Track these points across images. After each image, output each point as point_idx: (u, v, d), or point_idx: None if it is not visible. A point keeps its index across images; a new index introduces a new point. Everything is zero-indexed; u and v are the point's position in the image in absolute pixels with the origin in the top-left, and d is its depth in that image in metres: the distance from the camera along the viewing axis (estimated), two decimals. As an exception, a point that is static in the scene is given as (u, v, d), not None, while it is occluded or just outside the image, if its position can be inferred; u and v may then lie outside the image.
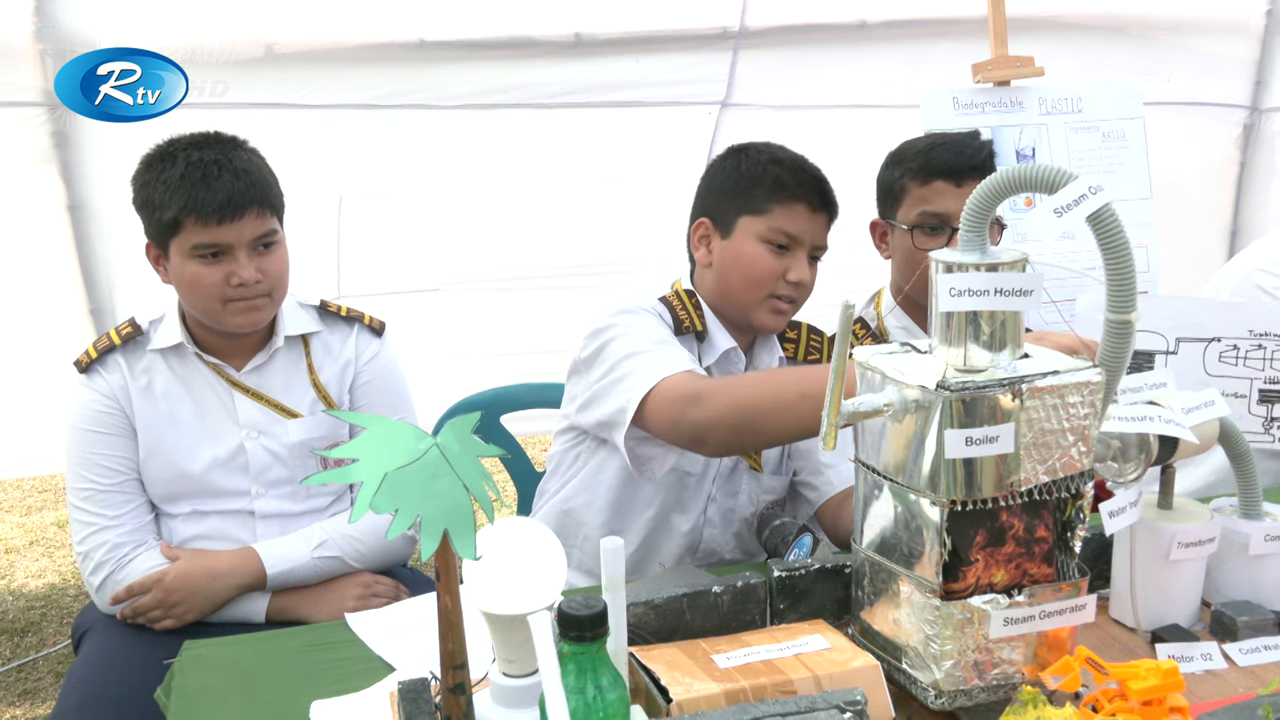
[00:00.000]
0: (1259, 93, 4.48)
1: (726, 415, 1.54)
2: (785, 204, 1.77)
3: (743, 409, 1.53)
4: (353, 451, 0.92)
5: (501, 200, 3.76)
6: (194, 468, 1.86)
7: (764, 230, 1.78)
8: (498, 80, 3.61)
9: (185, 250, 1.75)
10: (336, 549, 1.86)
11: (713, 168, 1.88)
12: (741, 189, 1.80)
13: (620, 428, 1.64)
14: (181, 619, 1.80)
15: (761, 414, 1.53)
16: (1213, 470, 2.06)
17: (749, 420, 1.54)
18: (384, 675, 1.37)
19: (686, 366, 1.64)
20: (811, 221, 1.79)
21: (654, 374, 1.61)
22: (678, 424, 1.58)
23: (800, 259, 1.79)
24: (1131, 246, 1.17)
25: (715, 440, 1.59)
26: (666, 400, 1.59)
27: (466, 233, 3.77)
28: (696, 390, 1.57)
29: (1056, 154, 3.02)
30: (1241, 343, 1.74)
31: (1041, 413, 1.17)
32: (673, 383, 1.60)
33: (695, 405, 1.56)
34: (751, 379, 1.65)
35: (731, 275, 1.80)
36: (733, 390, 1.57)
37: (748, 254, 1.78)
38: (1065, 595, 1.22)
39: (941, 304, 1.19)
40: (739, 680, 1.16)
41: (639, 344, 1.69)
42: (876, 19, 3.97)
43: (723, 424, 1.54)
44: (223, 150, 1.78)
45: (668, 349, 1.69)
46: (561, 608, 0.98)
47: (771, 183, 1.78)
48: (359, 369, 1.96)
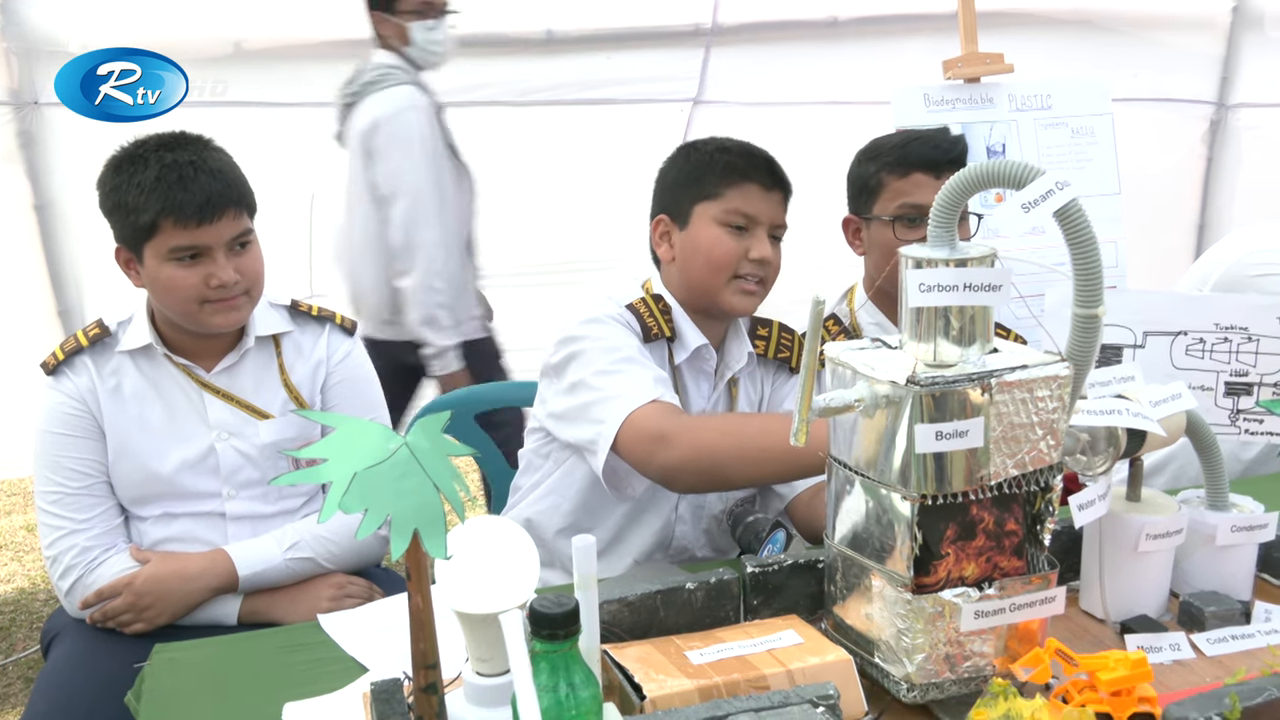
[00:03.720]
0: (1225, 88, 4.53)
1: (693, 462, 1.61)
2: (737, 185, 1.79)
3: (709, 458, 1.61)
4: (322, 451, 0.92)
5: (474, 198, 3.74)
6: (164, 470, 1.84)
7: (720, 213, 1.79)
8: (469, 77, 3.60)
9: (162, 253, 1.73)
10: (309, 550, 1.85)
11: (664, 167, 1.90)
12: (694, 179, 1.82)
13: (595, 457, 1.69)
14: (152, 622, 1.78)
15: (726, 464, 1.61)
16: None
17: (714, 468, 1.62)
18: (357, 676, 1.36)
19: (653, 392, 1.67)
20: (766, 200, 1.80)
21: (622, 408, 1.66)
22: (646, 463, 1.65)
23: (760, 237, 1.79)
24: (1099, 241, 1.18)
25: (683, 484, 1.69)
26: (635, 438, 1.64)
27: (439, 231, 3.75)
28: (664, 431, 1.62)
29: (1026, 150, 3.05)
30: (1208, 336, 1.76)
31: (1010, 407, 1.18)
32: (643, 418, 1.64)
33: (663, 448, 1.62)
34: (719, 425, 1.69)
35: (694, 263, 1.81)
36: (699, 438, 1.62)
37: (707, 238, 1.79)
38: (1035, 588, 1.23)
39: (911, 299, 1.20)
40: (712, 676, 1.17)
41: (605, 361, 1.72)
42: (848, 16, 3.99)
43: (689, 470, 1.63)
44: (195, 151, 1.76)
45: (634, 370, 1.71)
46: (533, 606, 0.98)
47: (722, 168, 1.80)
48: (331, 369, 1.95)
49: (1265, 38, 4.54)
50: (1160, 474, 2.17)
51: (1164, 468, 2.19)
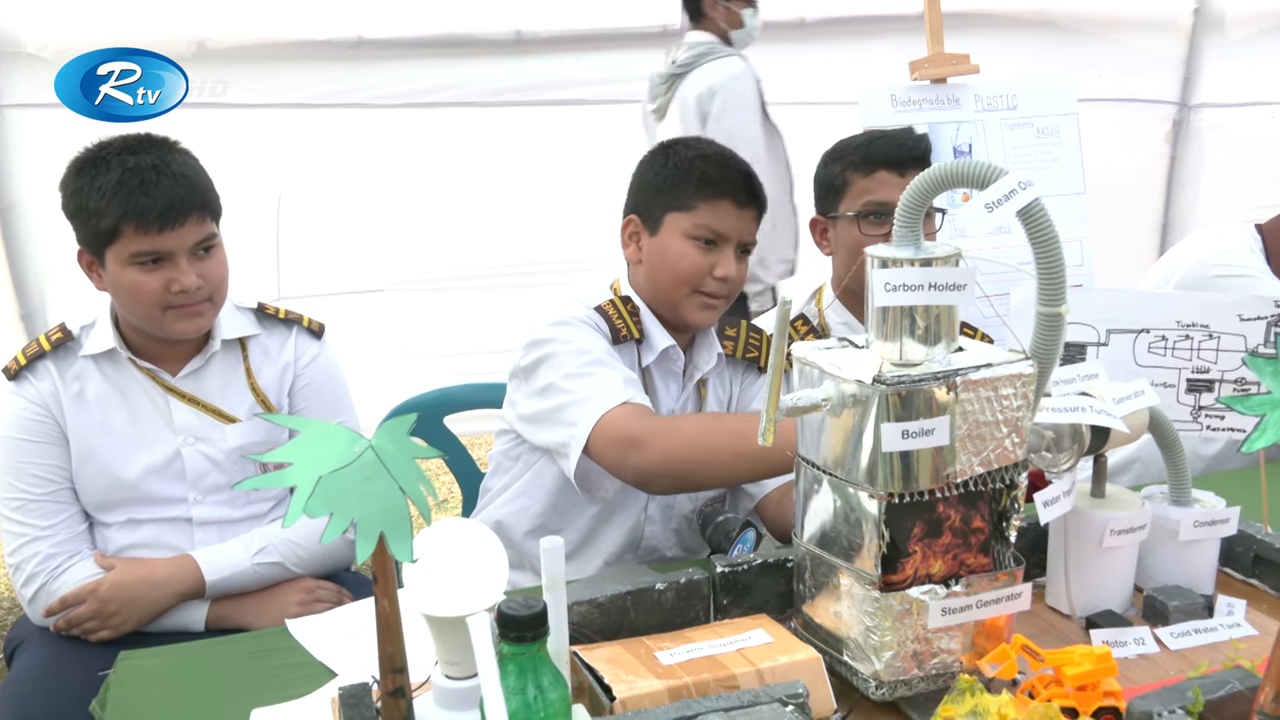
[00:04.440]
0: (1187, 89, 4.59)
1: (666, 466, 1.62)
2: (711, 200, 1.78)
3: (681, 461, 1.62)
4: (286, 455, 0.91)
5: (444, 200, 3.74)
6: (129, 475, 1.82)
7: (690, 227, 1.78)
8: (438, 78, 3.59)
9: (124, 258, 1.71)
10: (277, 555, 1.84)
11: (641, 165, 1.88)
12: (668, 186, 1.81)
13: (567, 460, 1.69)
14: (118, 630, 1.76)
15: (699, 467, 1.63)
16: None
17: (687, 472, 1.64)
18: (325, 681, 1.36)
19: (624, 394, 1.67)
20: (738, 217, 1.80)
21: (595, 410, 1.65)
22: (620, 467, 1.65)
23: (728, 254, 1.79)
24: (1061, 240, 1.19)
25: (657, 487, 1.70)
26: (608, 441, 1.64)
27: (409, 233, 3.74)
28: (637, 435, 1.62)
29: (993, 150, 3.07)
30: (1170, 333, 1.78)
31: (976, 405, 1.19)
32: (615, 421, 1.64)
33: (636, 451, 1.62)
34: (691, 428, 1.68)
35: (660, 272, 1.81)
36: (672, 441, 1.62)
37: (675, 251, 1.79)
38: (1001, 584, 1.24)
39: (877, 299, 1.21)
40: (682, 676, 1.17)
41: (575, 364, 1.72)
42: (815, 17, 4.01)
43: (662, 474, 1.63)
44: (159, 154, 1.73)
45: (605, 372, 1.71)
46: (501, 608, 0.97)
47: (698, 179, 1.79)
48: (298, 372, 1.94)
49: (1226, 39, 4.61)
50: (1124, 474, 2.19)
51: (1127, 468, 2.22)
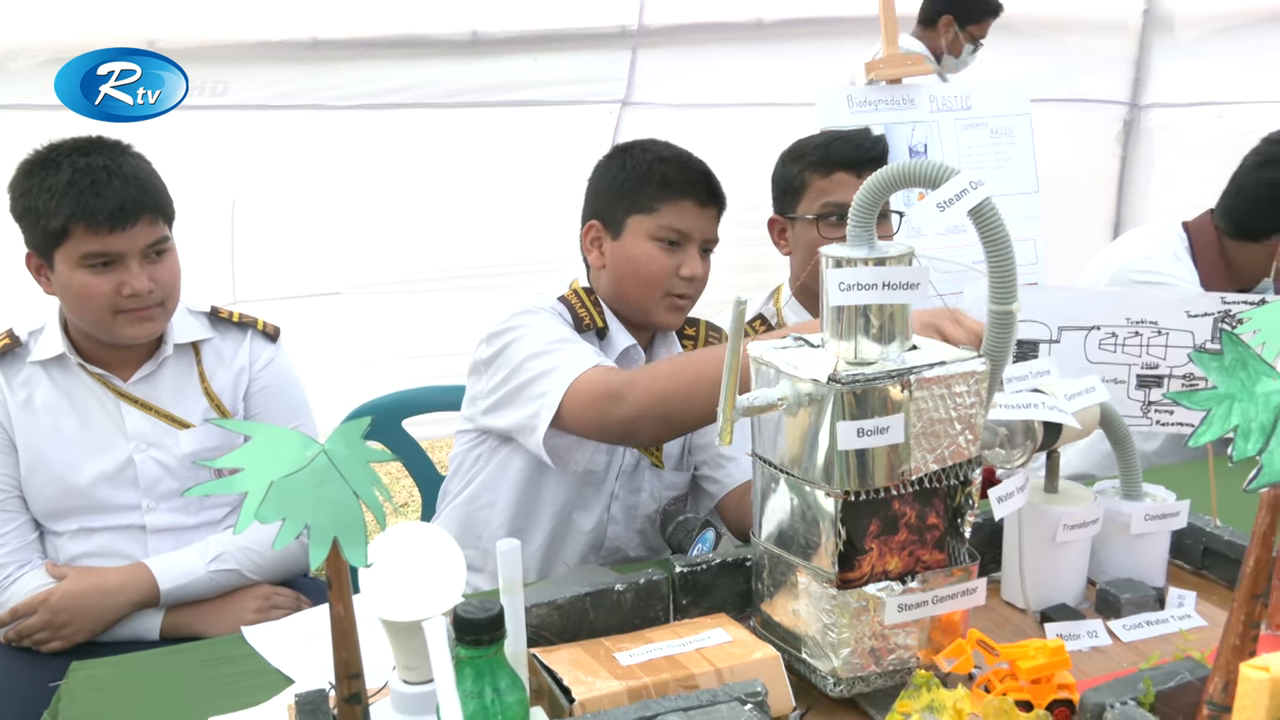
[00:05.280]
0: (1137, 89, 4.66)
1: (651, 408, 1.56)
2: (673, 201, 1.79)
3: (664, 401, 1.55)
4: (237, 461, 0.90)
5: (402, 202, 3.72)
6: (80, 483, 1.80)
7: (654, 229, 1.79)
8: (393, 79, 3.57)
9: (73, 259, 1.69)
10: (233, 561, 1.82)
11: (599, 169, 1.88)
12: (629, 189, 1.81)
13: (535, 433, 1.65)
14: (70, 640, 1.73)
15: (684, 403, 1.54)
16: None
17: (673, 409, 1.55)
18: (282, 688, 1.34)
19: (593, 360, 1.64)
20: (700, 216, 1.81)
21: (565, 376, 1.62)
22: (602, 423, 1.60)
23: (692, 254, 1.80)
24: (1014, 239, 1.20)
25: (644, 433, 1.63)
26: (585, 401, 1.59)
27: (367, 235, 3.72)
28: (614, 387, 1.58)
29: (948, 150, 3.10)
30: (1119, 330, 1.81)
31: (930, 403, 1.20)
32: (588, 382, 1.60)
33: (617, 402, 1.57)
34: (667, 367, 1.64)
35: (626, 276, 1.81)
36: (652, 382, 1.57)
37: (640, 254, 1.79)
38: (957, 580, 1.25)
39: (831, 298, 1.21)
40: (641, 677, 1.17)
41: (541, 344, 1.69)
42: (773, 18, 4.03)
43: (649, 416, 1.57)
44: (110, 155, 1.72)
45: (571, 346, 1.69)
46: (457, 611, 0.97)
47: (658, 181, 1.79)
48: (253, 376, 1.92)
49: (1175, 40, 4.69)
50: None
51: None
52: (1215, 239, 2.30)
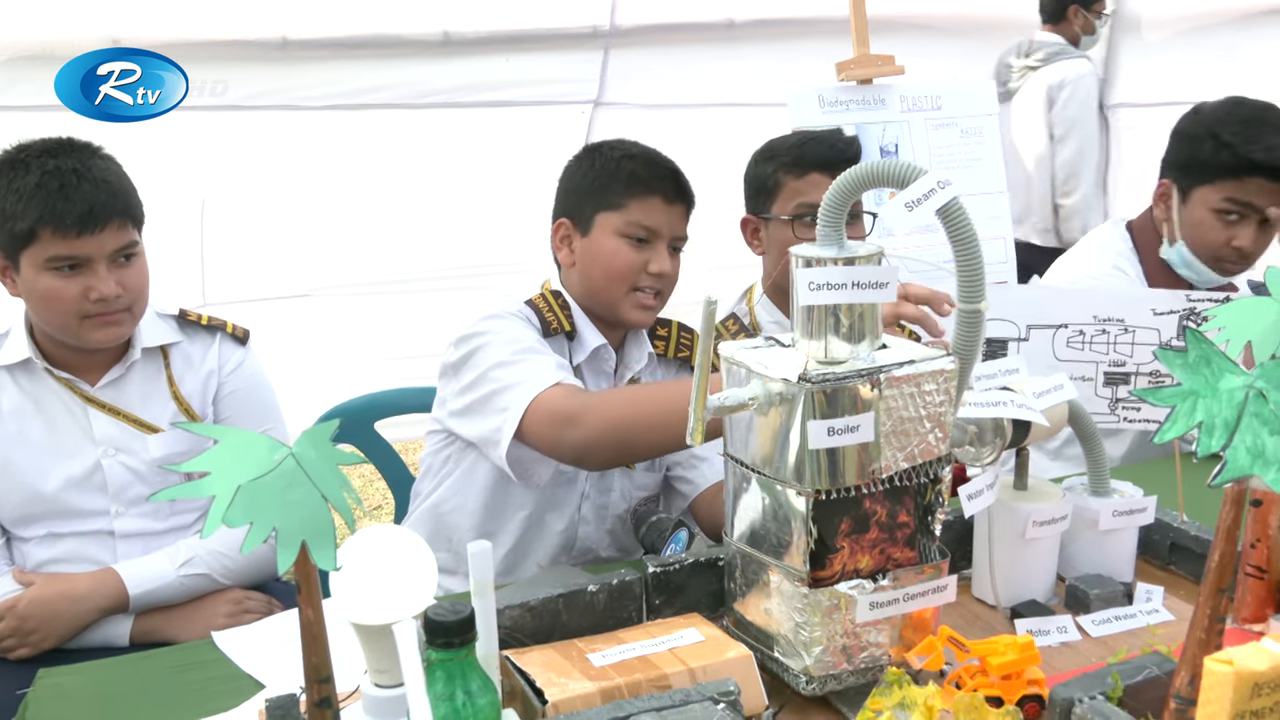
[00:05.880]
0: (1105, 89, 4.70)
1: (605, 436, 1.58)
2: (641, 197, 1.79)
3: (617, 431, 1.58)
4: (204, 465, 0.89)
5: (372, 203, 3.69)
6: (47, 488, 1.78)
7: (621, 225, 1.79)
8: (364, 80, 3.55)
9: (40, 262, 1.67)
10: (204, 566, 1.80)
11: (569, 168, 1.89)
12: (597, 186, 1.82)
13: (498, 447, 1.66)
14: (38, 647, 1.71)
15: (636, 435, 1.58)
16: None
17: (624, 441, 1.59)
18: (253, 694, 1.33)
19: (556, 376, 1.65)
20: (668, 213, 1.81)
21: (526, 393, 1.63)
22: (557, 445, 1.62)
23: (660, 250, 1.80)
24: (981, 238, 1.21)
25: (597, 460, 1.66)
26: (542, 421, 1.61)
27: (338, 237, 3.69)
28: (571, 411, 1.59)
29: (918, 150, 3.12)
30: (1087, 328, 1.82)
31: (899, 401, 1.21)
32: (547, 401, 1.61)
33: (572, 427, 1.58)
34: (624, 396, 1.67)
35: (594, 272, 1.81)
36: (608, 410, 1.60)
37: (608, 250, 1.79)
38: (927, 577, 1.26)
39: (801, 298, 1.22)
40: (614, 678, 1.17)
41: (506, 353, 1.70)
42: (744, 18, 4.03)
43: (602, 445, 1.59)
44: (79, 158, 1.70)
45: (536, 358, 1.70)
46: (427, 614, 0.97)
47: (626, 178, 1.80)
48: (223, 379, 1.90)
49: (1142, 41, 4.73)
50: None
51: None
52: (1156, 235, 2.24)
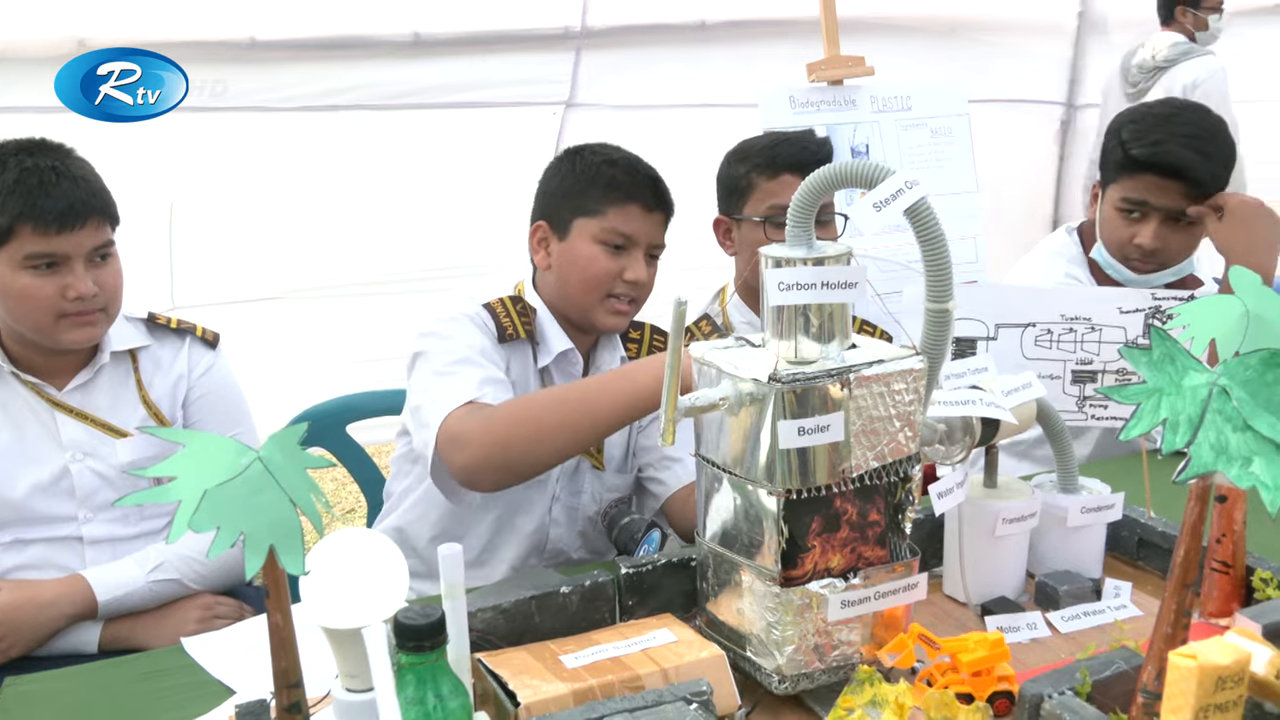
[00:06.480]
0: (1073, 90, 4.75)
1: (487, 460, 1.55)
2: (619, 204, 1.79)
3: (502, 451, 1.55)
4: (171, 469, 0.88)
5: (343, 205, 3.68)
6: (13, 494, 1.76)
7: (599, 231, 1.79)
8: (334, 81, 3.53)
9: (17, 260, 1.66)
10: (174, 571, 1.79)
11: (549, 170, 1.88)
12: (576, 191, 1.81)
13: (426, 464, 1.64)
14: (4, 655, 1.69)
15: (524, 452, 1.56)
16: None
17: (510, 460, 1.56)
18: (223, 699, 1.32)
19: (470, 395, 1.61)
20: (646, 221, 1.81)
21: (440, 411, 1.60)
22: (451, 468, 1.59)
23: (637, 258, 1.80)
24: (949, 238, 1.22)
25: (486, 483, 1.61)
26: (442, 445, 1.58)
27: (308, 239, 3.67)
28: (458, 434, 1.56)
29: (889, 151, 3.14)
30: (1055, 327, 1.84)
31: (869, 401, 1.21)
32: (449, 424, 1.58)
33: (458, 451, 1.56)
34: (506, 414, 1.60)
35: (569, 277, 1.81)
36: (488, 435, 1.56)
37: (584, 255, 1.79)
38: (898, 576, 1.27)
39: (771, 298, 1.22)
40: (587, 679, 1.17)
41: (441, 363, 1.68)
42: (716, 19, 4.05)
43: (486, 468, 1.57)
44: (57, 157, 1.70)
45: (465, 371, 1.67)
46: (397, 618, 0.96)
47: (605, 184, 1.79)
48: (192, 383, 1.89)
49: (1109, 42, 4.78)
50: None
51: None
52: (1094, 237, 2.20)
